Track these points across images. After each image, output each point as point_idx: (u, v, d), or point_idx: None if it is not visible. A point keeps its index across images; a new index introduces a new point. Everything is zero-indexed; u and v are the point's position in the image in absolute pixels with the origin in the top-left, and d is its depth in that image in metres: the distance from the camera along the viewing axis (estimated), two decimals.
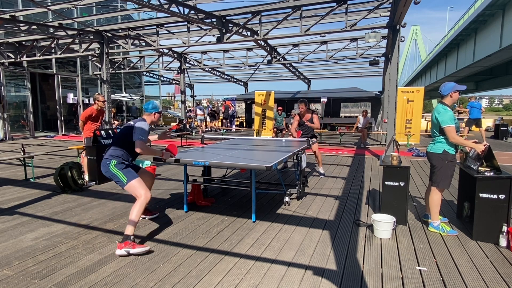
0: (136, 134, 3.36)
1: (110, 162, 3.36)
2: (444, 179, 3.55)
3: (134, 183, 3.33)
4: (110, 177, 3.40)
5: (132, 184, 3.33)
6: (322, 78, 24.82)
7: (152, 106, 3.61)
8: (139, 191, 3.31)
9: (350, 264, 2.91)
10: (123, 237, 3.14)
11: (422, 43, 73.58)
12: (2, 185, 5.80)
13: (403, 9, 7.53)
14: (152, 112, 3.61)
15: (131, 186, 3.32)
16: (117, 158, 3.38)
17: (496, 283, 2.61)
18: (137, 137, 3.36)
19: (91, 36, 11.58)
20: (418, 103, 12.02)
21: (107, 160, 3.38)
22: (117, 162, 3.36)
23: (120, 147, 3.43)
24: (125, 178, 3.33)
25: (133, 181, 3.34)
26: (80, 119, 6.28)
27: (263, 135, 14.58)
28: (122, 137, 3.47)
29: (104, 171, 3.40)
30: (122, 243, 3.09)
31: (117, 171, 3.34)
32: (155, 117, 3.65)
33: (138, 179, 3.38)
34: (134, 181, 3.34)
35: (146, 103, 3.66)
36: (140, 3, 7.23)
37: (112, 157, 3.38)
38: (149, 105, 3.62)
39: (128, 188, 3.34)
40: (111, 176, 3.39)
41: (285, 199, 4.58)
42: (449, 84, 3.55)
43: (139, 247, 3.09)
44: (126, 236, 3.13)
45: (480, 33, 22.94)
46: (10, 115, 14.35)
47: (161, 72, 24.13)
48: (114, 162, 3.35)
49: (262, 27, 9.88)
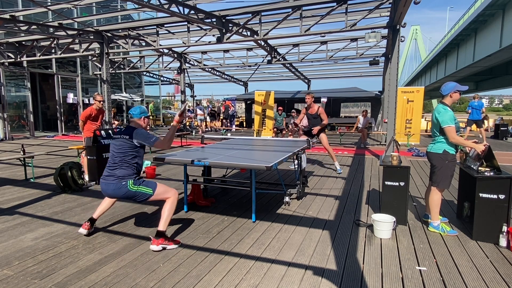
0: (147, 139, 3.26)
1: (127, 182, 3.21)
2: (444, 179, 3.55)
3: (159, 190, 3.31)
4: (131, 197, 3.26)
5: (158, 191, 3.29)
6: (322, 78, 24.83)
7: (140, 111, 3.44)
8: (167, 194, 3.33)
9: (350, 264, 2.91)
10: (157, 233, 3.20)
11: (422, 43, 73.60)
12: (2, 185, 5.80)
13: (403, 9, 7.52)
14: (141, 117, 3.43)
15: (159, 193, 3.30)
16: (132, 176, 3.26)
17: (496, 283, 2.61)
18: (151, 140, 3.27)
19: (91, 36, 11.58)
20: (418, 103, 12.02)
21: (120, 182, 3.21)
22: (133, 180, 3.25)
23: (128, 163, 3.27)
24: (149, 189, 3.27)
25: (158, 188, 3.31)
26: (80, 119, 6.28)
27: (263, 135, 14.58)
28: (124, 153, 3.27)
29: (121, 193, 3.23)
30: (158, 239, 3.16)
31: (138, 188, 3.24)
32: (144, 122, 3.47)
33: (159, 184, 3.36)
34: (158, 188, 3.31)
35: (133, 109, 3.47)
36: (140, 3, 7.23)
37: (126, 177, 3.23)
38: (136, 110, 3.43)
39: (157, 196, 3.30)
40: (132, 196, 3.25)
41: (285, 199, 4.58)
42: (450, 84, 3.55)
43: (174, 243, 3.22)
44: (161, 232, 3.19)
45: (480, 33, 22.94)
46: (10, 115, 14.36)
47: (161, 72, 24.13)
48: (131, 182, 3.23)
49: (262, 27, 9.88)
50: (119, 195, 3.25)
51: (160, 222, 3.23)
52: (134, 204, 4.65)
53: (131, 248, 3.22)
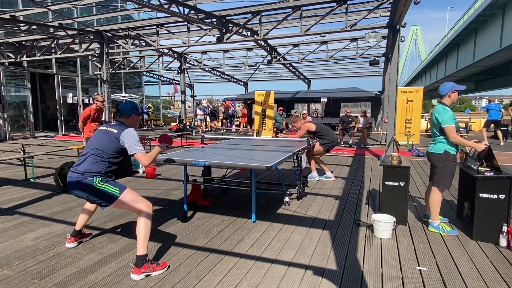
0: (133, 146, 2.78)
1: (93, 179, 2.73)
2: (445, 179, 3.55)
3: (128, 196, 2.80)
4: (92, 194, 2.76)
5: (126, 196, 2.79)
6: (322, 78, 24.84)
7: (130, 107, 3.02)
8: (138, 204, 2.81)
9: (350, 264, 2.91)
10: (137, 259, 2.70)
11: (422, 43, 73.67)
12: (2, 185, 5.80)
13: (403, 9, 7.53)
14: (131, 114, 3.01)
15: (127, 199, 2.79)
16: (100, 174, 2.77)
17: (496, 283, 2.61)
18: (136, 149, 2.78)
19: (91, 36, 11.58)
20: (418, 103, 12.03)
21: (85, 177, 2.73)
22: (101, 178, 2.77)
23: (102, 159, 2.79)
24: (116, 189, 2.78)
25: (127, 192, 2.81)
26: (80, 120, 6.28)
27: (263, 135, 14.58)
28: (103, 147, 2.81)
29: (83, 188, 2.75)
30: (140, 267, 2.67)
31: (102, 185, 2.75)
32: (134, 119, 3.04)
33: (131, 190, 2.87)
34: (128, 192, 2.81)
35: (123, 104, 3.04)
36: (140, 3, 7.23)
37: (94, 173, 2.75)
38: (126, 106, 3.02)
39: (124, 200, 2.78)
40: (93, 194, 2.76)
41: (285, 199, 4.58)
42: (448, 84, 3.55)
43: (160, 268, 2.74)
44: (141, 256, 2.69)
45: (480, 33, 22.95)
46: (10, 115, 14.35)
47: (161, 72, 24.14)
48: (98, 179, 2.75)
49: (262, 27, 9.88)
50: (80, 189, 2.76)
51: (138, 246, 2.72)
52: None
53: (131, 248, 3.22)
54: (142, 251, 2.72)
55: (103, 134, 2.88)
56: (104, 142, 2.83)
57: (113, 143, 2.82)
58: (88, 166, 2.77)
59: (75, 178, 2.76)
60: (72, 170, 2.82)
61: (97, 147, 2.82)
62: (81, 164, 2.81)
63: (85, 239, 3.40)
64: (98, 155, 2.80)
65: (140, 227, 2.77)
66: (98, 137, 2.90)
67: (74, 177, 2.77)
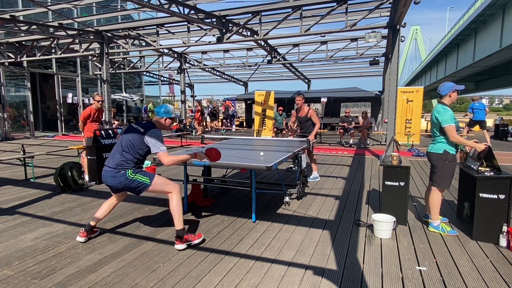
0: (156, 145, 3.11)
1: (126, 171, 3.11)
2: (445, 179, 3.55)
3: (158, 181, 3.20)
4: (127, 186, 3.14)
5: (156, 181, 3.19)
6: (322, 78, 24.83)
7: (164, 111, 3.32)
8: (167, 187, 3.22)
9: (350, 264, 2.91)
10: (177, 233, 3.17)
11: (422, 43, 73.60)
12: (2, 185, 5.80)
13: (403, 9, 7.52)
14: (163, 116, 3.32)
15: (157, 184, 3.19)
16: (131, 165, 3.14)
17: (496, 283, 2.61)
18: (158, 149, 3.11)
19: (91, 36, 11.58)
20: (418, 103, 12.03)
21: (119, 170, 3.11)
22: (132, 170, 3.15)
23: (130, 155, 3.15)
24: (146, 178, 3.16)
25: (156, 178, 3.20)
26: (80, 119, 6.28)
27: (263, 135, 14.58)
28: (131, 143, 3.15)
29: (117, 182, 3.12)
30: (181, 238, 3.14)
31: (134, 176, 3.14)
32: (166, 122, 3.35)
33: (159, 175, 3.28)
34: (157, 179, 3.21)
35: (159, 106, 3.39)
36: (140, 3, 7.23)
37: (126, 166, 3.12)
38: (161, 109, 3.34)
39: (155, 187, 3.19)
40: (128, 185, 3.13)
41: (285, 199, 4.58)
42: (448, 84, 3.56)
43: (197, 238, 3.24)
44: (179, 230, 3.17)
45: (480, 33, 22.94)
46: (10, 115, 14.35)
47: (161, 72, 24.13)
48: (130, 171, 3.13)
49: (262, 27, 9.88)
50: (115, 182, 3.13)
51: (175, 222, 3.19)
52: (134, 204, 4.65)
53: (131, 248, 3.22)
54: (179, 225, 3.18)
55: (133, 132, 3.20)
56: (132, 139, 3.17)
57: (139, 141, 3.15)
58: (119, 161, 3.14)
59: (109, 173, 3.14)
60: (106, 165, 3.20)
61: (126, 143, 3.16)
62: (112, 160, 3.17)
63: (93, 234, 3.50)
64: (127, 151, 3.15)
65: (173, 206, 3.19)
66: (128, 134, 3.22)
67: (108, 171, 3.16)
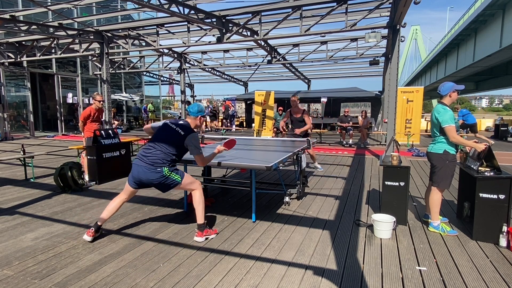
0: (195, 149, 3.31)
1: (162, 169, 3.24)
2: (445, 179, 3.56)
3: (186, 180, 3.41)
4: (161, 182, 3.27)
5: (185, 181, 3.40)
6: (322, 78, 24.80)
7: (198, 109, 3.47)
8: (192, 186, 3.45)
9: (350, 264, 2.91)
10: (198, 227, 3.40)
11: (422, 43, 73.53)
12: (2, 185, 5.80)
13: (403, 9, 7.52)
14: (197, 116, 3.47)
15: (185, 183, 3.40)
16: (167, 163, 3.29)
17: (496, 283, 2.61)
18: (197, 150, 3.33)
19: (91, 36, 11.57)
20: (418, 103, 12.03)
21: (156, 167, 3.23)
22: (168, 168, 3.29)
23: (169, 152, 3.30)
24: (178, 177, 3.35)
25: (185, 177, 3.41)
26: (80, 119, 6.28)
27: (263, 135, 14.58)
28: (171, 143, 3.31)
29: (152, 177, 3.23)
30: (202, 232, 3.39)
31: (170, 174, 3.30)
32: (200, 121, 3.53)
33: (187, 174, 3.48)
34: (186, 178, 3.41)
35: (191, 106, 3.52)
36: (140, 3, 7.23)
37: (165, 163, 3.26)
38: (194, 108, 3.48)
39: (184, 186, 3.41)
40: (162, 182, 3.28)
41: (285, 199, 4.58)
42: (448, 84, 3.56)
43: (214, 233, 3.52)
44: (201, 224, 3.40)
45: (480, 33, 22.93)
46: (10, 115, 14.35)
47: (161, 72, 24.12)
48: (166, 169, 3.26)
49: (262, 27, 9.87)
50: (150, 178, 3.23)
51: (197, 216, 3.40)
52: (134, 204, 4.65)
53: (131, 248, 3.22)
54: (201, 220, 3.41)
55: (173, 133, 3.35)
56: (173, 140, 3.32)
57: (179, 143, 3.32)
58: (156, 158, 3.25)
59: (144, 168, 3.24)
60: (141, 159, 3.29)
61: (165, 143, 3.30)
62: (149, 156, 3.27)
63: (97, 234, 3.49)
64: (165, 151, 3.28)
65: (196, 201, 3.42)
66: (167, 134, 3.36)
67: (142, 167, 3.25)
